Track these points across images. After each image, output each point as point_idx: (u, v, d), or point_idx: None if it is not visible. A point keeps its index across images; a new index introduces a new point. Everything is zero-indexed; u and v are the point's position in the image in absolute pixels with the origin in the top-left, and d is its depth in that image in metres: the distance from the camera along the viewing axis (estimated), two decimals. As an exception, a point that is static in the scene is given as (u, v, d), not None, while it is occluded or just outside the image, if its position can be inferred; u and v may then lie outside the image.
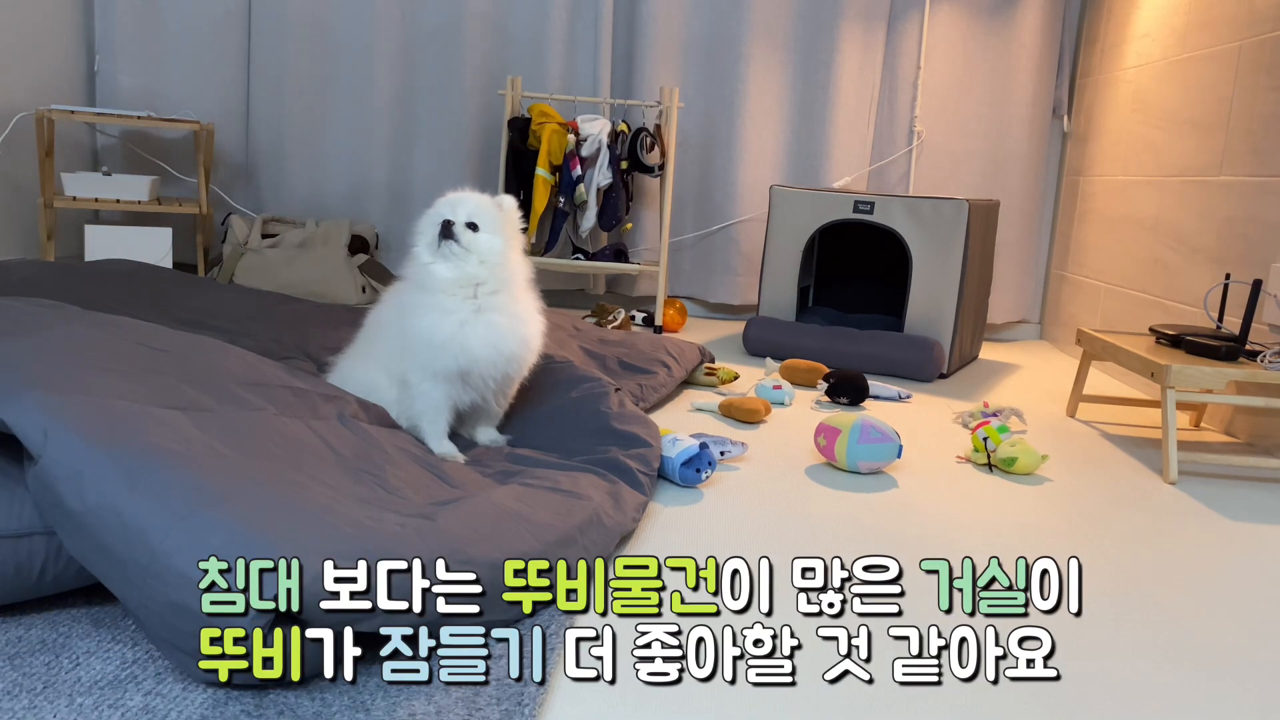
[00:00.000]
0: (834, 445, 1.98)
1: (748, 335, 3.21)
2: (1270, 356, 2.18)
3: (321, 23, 3.74)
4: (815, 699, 1.11)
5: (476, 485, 1.52)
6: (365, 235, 3.64)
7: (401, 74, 3.79)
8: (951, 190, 3.89)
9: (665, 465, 1.83)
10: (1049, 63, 3.84)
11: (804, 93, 3.85)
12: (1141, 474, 2.16)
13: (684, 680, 1.12)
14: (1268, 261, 2.45)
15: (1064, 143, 3.97)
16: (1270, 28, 2.56)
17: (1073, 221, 3.80)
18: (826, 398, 2.63)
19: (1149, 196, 3.15)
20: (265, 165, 3.80)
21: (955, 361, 3.12)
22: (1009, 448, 2.06)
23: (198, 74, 3.71)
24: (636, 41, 3.81)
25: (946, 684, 1.17)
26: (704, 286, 3.97)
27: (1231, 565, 1.64)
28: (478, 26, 3.74)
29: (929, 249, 3.04)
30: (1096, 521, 1.82)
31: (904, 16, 3.84)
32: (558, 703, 1.06)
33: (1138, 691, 1.18)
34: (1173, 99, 3.05)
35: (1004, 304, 3.95)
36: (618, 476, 1.63)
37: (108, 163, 3.70)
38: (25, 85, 3.26)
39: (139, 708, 0.97)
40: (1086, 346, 2.59)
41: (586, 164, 3.48)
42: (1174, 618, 1.41)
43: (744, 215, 3.89)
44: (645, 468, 1.70)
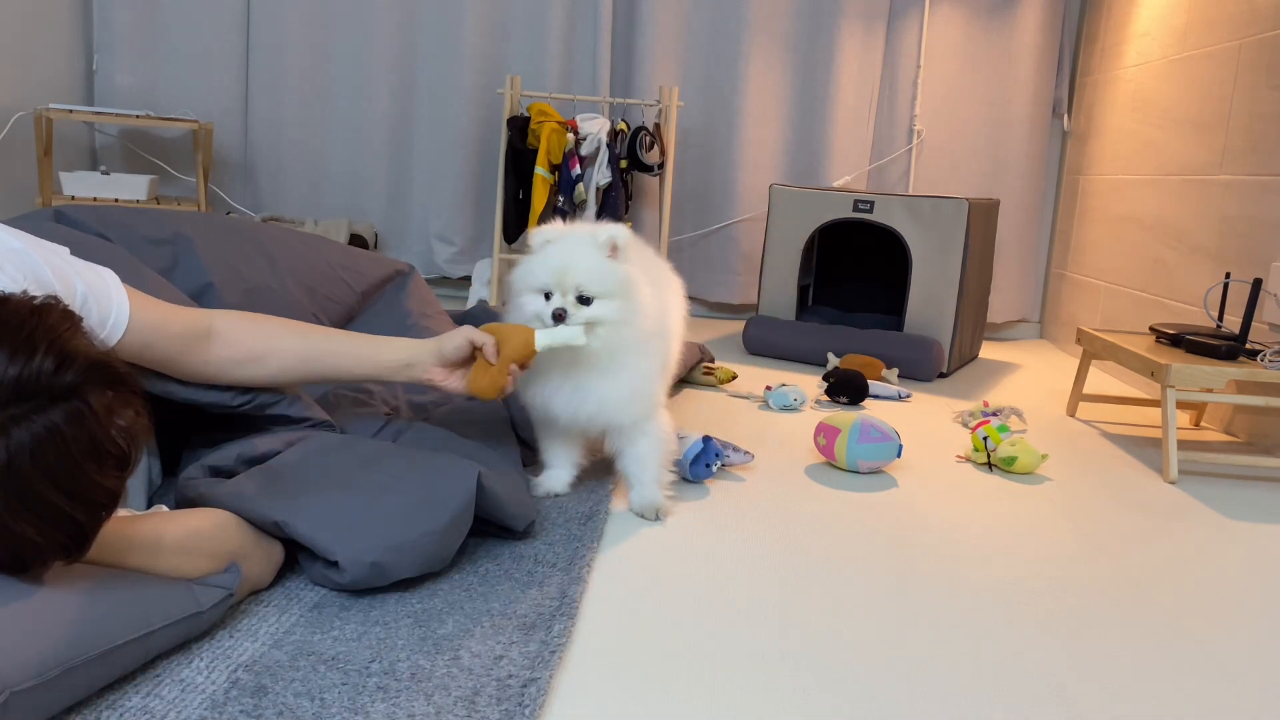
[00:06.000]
0: (834, 445, 1.98)
1: (747, 334, 3.21)
2: (1270, 355, 2.18)
3: (321, 22, 3.74)
4: (815, 697, 1.11)
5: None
6: (364, 234, 3.64)
7: (401, 72, 3.79)
8: (951, 189, 3.89)
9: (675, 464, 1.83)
10: (1049, 62, 3.84)
11: (804, 91, 3.85)
12: (1141, 473, 2.16)
13: (684, 680, 1.12)
14: (1268, 260, 2.45)
15: (1064, 142, 3.97)
16: (1270, 27, 2.56)
17: (1073, 221, 3.80)
18: (826, 397, 2.63)
19: (1149, 195, 3.15)
20: (264, 164, 3.79)
21: (955, 361, 3.12)
22: (1009, 447, 2.06)
23: (196, 73, 3.71)
24: (636, 40, 3.81)
25: (946, 684, 1.16)
26: (703, 285, 3.97)
27: (1231, 565, 1.64)
28: (477, 25, 3.74)
29: (929, 248, 3.04)
30: (1096, 521, 1.81)
31: (904, 15, 3.84)
32: (558, 703, 1.06)
33: (1138, 691, 1.18)
34: (1173, 98, 3.05)
35: (1004, 303, 3.95)
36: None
37: (106, 162, 3.70)
38: (24, 84, 3.25)
39: (137, 708, 0.97)
40: (1086, 346, 2.59)
41: (586, 163, 3.48)
42: (1174, 618, 1.41)
43: (744, 214, 3.89)
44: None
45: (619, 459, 1.67)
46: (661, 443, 1.65)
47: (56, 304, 0.99)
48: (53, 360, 0.93)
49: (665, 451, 1.67)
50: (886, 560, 1.54)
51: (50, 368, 0.92)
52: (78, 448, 0.93)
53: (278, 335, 1.49)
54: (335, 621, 1.19)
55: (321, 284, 1.97)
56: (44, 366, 0.92)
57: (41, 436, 0.91)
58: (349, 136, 3.81)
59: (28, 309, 0.96)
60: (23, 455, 0.90)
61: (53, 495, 0.92)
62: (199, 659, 1.07)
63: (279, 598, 1.24)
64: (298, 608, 1.22)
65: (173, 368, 1.40)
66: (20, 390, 0.91)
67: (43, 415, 0.91)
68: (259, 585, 1.24)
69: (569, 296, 1.51)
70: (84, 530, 0.96)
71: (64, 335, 0.95)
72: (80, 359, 0.95)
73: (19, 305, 0.96)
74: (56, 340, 0.94)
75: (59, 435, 0.92)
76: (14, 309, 0.95)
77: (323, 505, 1.27)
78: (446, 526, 1.29)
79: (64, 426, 0.92)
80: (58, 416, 0.92)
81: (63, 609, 0.96)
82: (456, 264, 3.86)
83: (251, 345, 1.46)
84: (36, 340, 0.93)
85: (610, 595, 1.34)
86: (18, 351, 0.91)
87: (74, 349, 0.95)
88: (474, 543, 1.45)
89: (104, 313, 1.26)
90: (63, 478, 0.92)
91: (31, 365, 0.91)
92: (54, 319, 0.96)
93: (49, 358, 0.92)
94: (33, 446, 0.90)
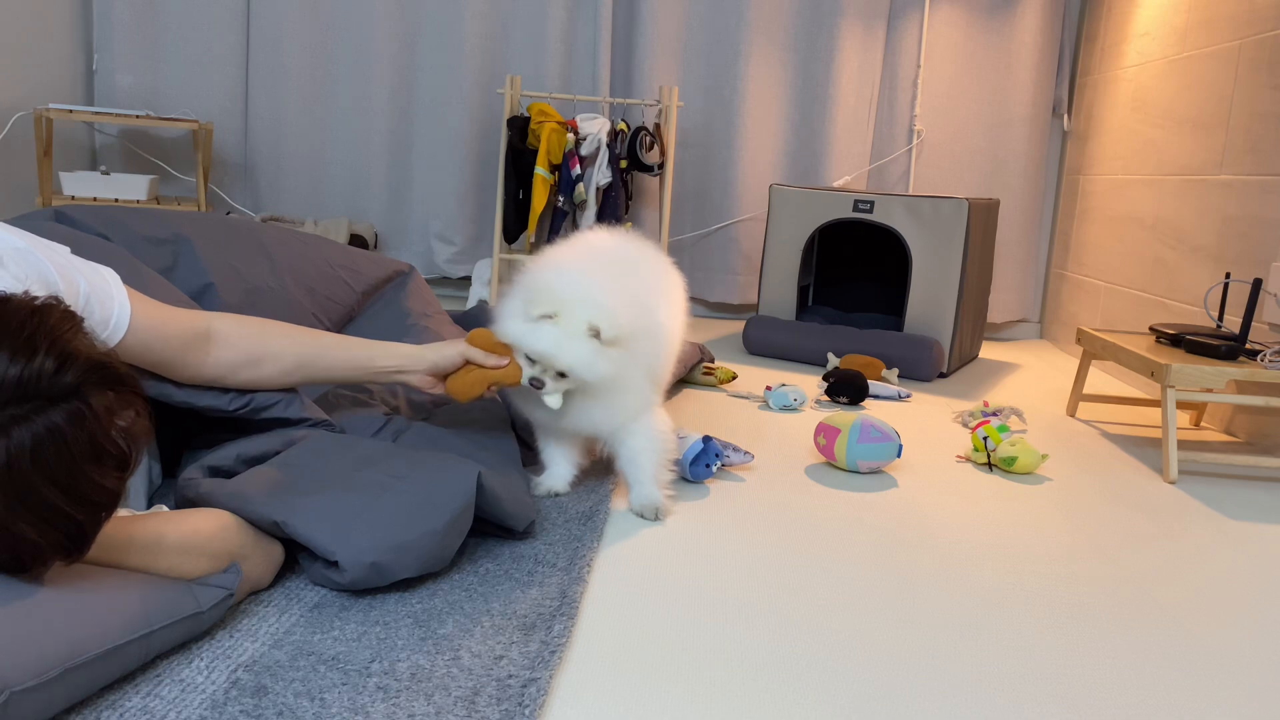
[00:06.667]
0: (834, 445, 1.98)
1: (747, 334, 3.21)
2: (1270, 355, 2.18)
3: (320, 21, 3.74)
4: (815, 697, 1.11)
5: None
6: (364, 234, 3.64)
7: (400, 72, 3.79)
8: (951, 189, 3.89)
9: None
10: (1049, 61, 3.84)
11: (804, 91, 3.85)
12: (1141, 473, 2.16)
13: (684, 680, 1.12)
14: (1268, 260, 2.45)
15: (1064, 141, 3.97)
16: (1270, 26, 2.56)
17: (1073, 220, 3.80)
18: (826, 397, 2.63)
19: (1149, 195, 3.15)
20: (264, 164, 3.79)
21: (955, 361, 3.12)
22: (1009, 447, 2.06)
23: (196, 73, 3.71)
24: (636, 40, 3.81)
25: (946, 684, 1.16)
26: (703, 285, 3.97)
27: (1231, 565, 1.64)
28: (477, 25, 3.74)
29: (929, 248, 3.04)
30: (1096, 521, 1.81)
31: (904, 15, 3.84)
32: (558, 703, 1.06)
33: (1138, 691, 1.18)
34: (1173, 98, 3.05)
35: (1004, 303, 3.95)
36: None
37: (106, 162, 3.70)
38: (23, 84, 3.25)
39: (137, 708, 0.97)
40: (1086, 346, 2.59)
41: (586, 163, 3.48)
42: (1174, 617, 1.41)
43: (744, 214, 3.89)
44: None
45: (616, 459, 1.67)
46: (656, 440, 1.64)
47: (57, 304, 0.99)
48: (53, 361, 0.93)
49: (661, 449, 1.65)
50: (886, 560, 1.54)
51: (51, 368, 0.92)
52: (78, 448, 0.93)
53: (275, 339, 1.50)
54: (335, 621, 1.19)
55: (321, 284, 1.97)
56: (45, 367, 0.92)
57: (42, 437, 0.91)
58: (349, 136, 3.81)
59: (28, 309, 0.96)
60: (23, 455, 0.90)
61: (53, 495, 0.92)
62: (199, 659, 1.07)
63: (279, 598, 1.24)
64: (298, 608, 1.22)
65: (171, 370, 1.40)
66: (21, 390, 0.91)
67: (43, 416, 0.91)
68: (259, 585, 1.24)
69: (549, 371, 1.51)
70: (84, 530, 0.96)
71: (65, 336, 0.95)
72: (81, 360, 0.95)
73: (20, 305, 0.96)
74: (57, 341, 0.94)
75: (59, 436, 0.92)
76: (15, 309, 0.95)
77: (323, 505, 1.27)
78: (447, 526, 1.29)
79: (64, 427, 0.92)
80: (58, 417, 0.92)
81: (63, 609, 0.96)
82: (456, 264, 3.86)
83: (249, 349, 1.46)
84: (37, 341, 0.93)
85: (610, 595, 1.34)
86: (18, 352, 0.91)
87: (75, 349, 0.95)
88: (474, 543, 1.45)
89: (106, 313, 1.26)
90: (63, 478, 0.92)
91: (32, 366, 0.91)
92: (55, 319, 0.96)
93: (50, 358, 0.93)
94: (33, 447, 0.90)
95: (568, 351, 1.48)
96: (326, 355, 1.55)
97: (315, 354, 1.54)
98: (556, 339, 1.48)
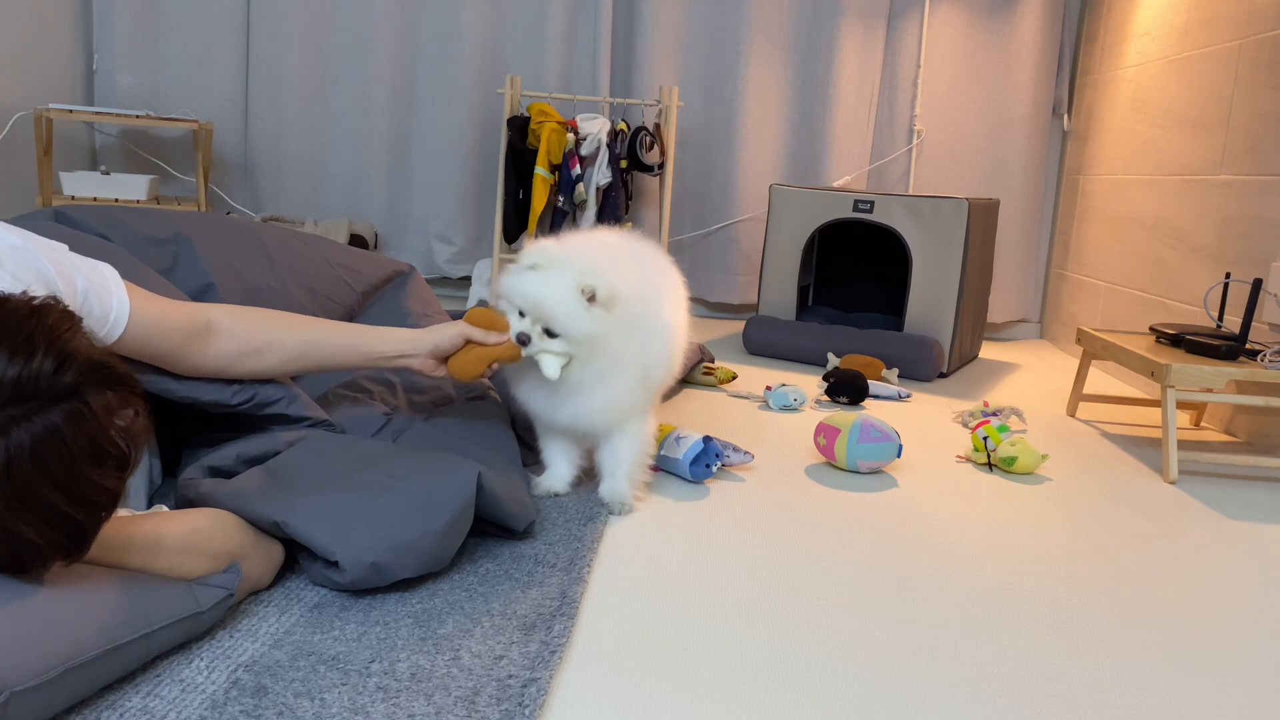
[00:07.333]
0: (834, 445, 1.98)
1: (747, 334, 3.21)
2: (1270, 355, 2.18)
3: (320, 22, 3.74)
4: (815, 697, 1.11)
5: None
6: (364, 234, 3.64)
7: (400, 72, 3.79)
8: (951, 189, 3.89)
9: (673, 464, 1.84)
10: (1049, 61, 3.84)
11: (804, 91, 3.85)
12: (1141, 473, 2.16)
13: (684, 680, 1.12)
14: (1268, 260, 2.45)
15: (1064, 141, 3.97)
16: (1270, 26, 2.55)
17: (1073, 220, 3.80)
18: (826, 397, 2.63)
19: (1149, 195, 3.15)
20: (264, 164, 3.79)
21: (955, 361, 3.12)
22: (1009, 447, 2.06)
23: (196, 73, 3.71)
24: (636, 40, 3.81)
25: (946, 683, 1.16)
26: (703, 285, 3.97)
27: (1231, 565, 1.64)
28: (477, 25, 3.74)
29: (929, 248, 3.04)
30: (1096, 521, 1.81)
31: (904, 15, 3.84)
32: (558, 703, 1.06)
33: (1138, 691, 1.18)
34: (1173, 98, 3.05)
35: (1004, 303, 3.95)
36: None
37: (106, 162, 3.70)
38: (23, 84, 3.25)
39: (137, 708, 0.97)
40: (1086, 346, 2.58)
41: (586, 163, 3.48)
42: (1174, 617, 1.41)
43: (744, 214, 3.89)
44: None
45: (597, 451, 1.70)
46: (639, 443, 1.69)
47: (56, 304, 0.99)
48: (52, 361, 0.93)
49: (642, 451, 1.70)
50: (886, 560, 1.54)
51: (50, 368, 0.92)
52: (77, 448, 0.93)
53: (276, 328, 1.50)
54: (335, 621, 1.19)
55: (321, 284, 1.97)
56: (44, 367, 0.92)
57: (41, 437, 0.91)
58: (349, 136, 3.81)
59: (27, 309, 0.96)
60: (22, 456, 0.90)
61: (52, 495, 0.92)
62: (199, 659, 1.07)
63: (279, 598, 1.24)
64: (298, 608, 1.22)
65: (172, 363, 1.40)
66: (20, 391, 0.91)
67: (42, 416, 0.91)
68: (259, 585, 1.24)
69: (536, 327, 1.53)
70: (84, 530, 0.96)
71: (63, 336, 0.95)
72: (80, 359, 0.95)
73: (18, 305, 0.96)
74: (56, 341, 0.94)
75: (59, 436, 0.92)
76: (13, 309, 0.95)
77: (323, 505, 1.27)
78: (447, 526, 1.29)
79: (64, 427, 0.92)
80: (57, 417, 0.92)
81: (63, 609, 0.96)
82: (456, 264, 3.86)
83: (250, 338, 1.46)
84: (36, 341, 0.93)
85: (610, 595, 1.34)
86: (17, 352, 0.91)
87: (74, 349, 0.95)
88: (474, 543, 1.45)
89: (105, 309, 1.26)
90: (62, 478, 0.92)
91: (31, 366, 0.91)
92: (53, 319, 0.96)
93: (49, 358, 0.92)
94: (32, 447, 0.90)
95: (554, 297, 1.49)
96: (328, 342, 1.56)
97: (317, 342, 1.54)
98: (544, 283, 1.50)
